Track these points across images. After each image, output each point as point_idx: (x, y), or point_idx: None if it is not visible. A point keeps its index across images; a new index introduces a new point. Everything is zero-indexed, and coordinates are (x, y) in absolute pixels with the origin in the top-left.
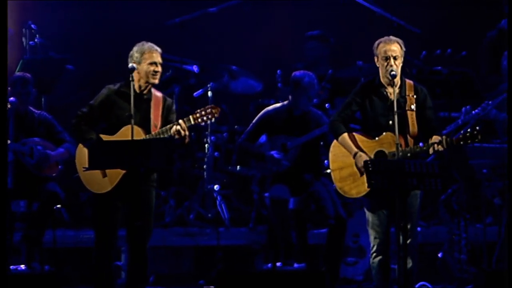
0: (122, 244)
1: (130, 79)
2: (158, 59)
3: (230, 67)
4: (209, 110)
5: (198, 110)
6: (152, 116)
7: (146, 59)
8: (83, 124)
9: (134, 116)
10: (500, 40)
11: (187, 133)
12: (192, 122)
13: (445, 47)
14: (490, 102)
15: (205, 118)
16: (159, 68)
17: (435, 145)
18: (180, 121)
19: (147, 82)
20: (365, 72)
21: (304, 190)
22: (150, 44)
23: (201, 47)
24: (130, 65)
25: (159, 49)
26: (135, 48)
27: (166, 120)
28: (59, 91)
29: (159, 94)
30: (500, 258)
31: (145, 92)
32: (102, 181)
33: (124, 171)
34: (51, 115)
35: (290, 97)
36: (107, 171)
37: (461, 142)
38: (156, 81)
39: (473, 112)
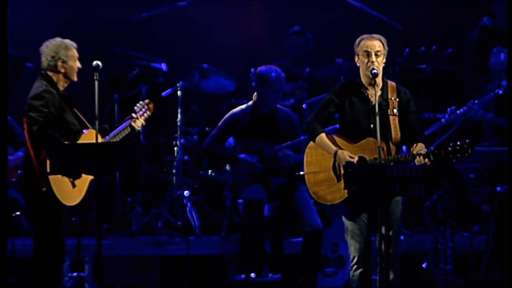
0: (86, 254)
1: (95, 77)
2: (78, 54)
3: (201, 65)
4: (146, 106)
5: (139, 106)
6: (81, 116)
7: (73, 56)
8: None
9: (71, 118)
10: (484, 38)
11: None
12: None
13: (429, 43)
14: (476, 101)
15: (145, 114)
16: (80, 65)
17: (421, 157)
18: (133, 114)
19: (69, 79)
20: (345, 71)
21: (279, 196)
22: (67, 40)
23: (170, 43)
24: (94, 62)
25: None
26: (57, 44)
27: None
28: (20, 90)
29: None
30: (488, 269)
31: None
32: (73, 193)
33: (89, 180)
34: (10, 116)
35: (255, 95)
36: (76, 181)
37: (450, 156)
38: (76, 79)
39: (458, 111)
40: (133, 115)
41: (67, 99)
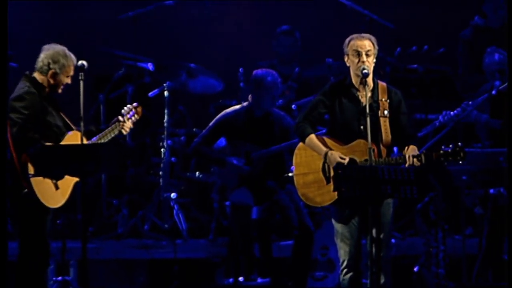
0: (71, 257)
1: (81, 78)
2: (73, 73)
3: (188, 65)
4: (134, 110)
5: (126, 109)
6: (66, 119)
7: (67, 72)
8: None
9: (55, 120)
10: (476, 37)
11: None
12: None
13: (421, 43)
14: (470, 102)
15: (133, 118)
16: (70, 82)
17: (412, 158)
18: (120, 117)
19: (52, 90)
20: (335, 71)
21: (268, 198)
22: (72, 54)
23: (156, 43)
24: (80, 62)
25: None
26: (60, 54)
27: None
28: None
29: None
30: (480, 273)
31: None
32: (55, 195)
33: (73, 182)
34: None
35: (250, 97)
36: (59, 183)
37: (441, 159)
38: (60, 91)
39: (452, 113)
40: (120, 118)
41: (51, 100)
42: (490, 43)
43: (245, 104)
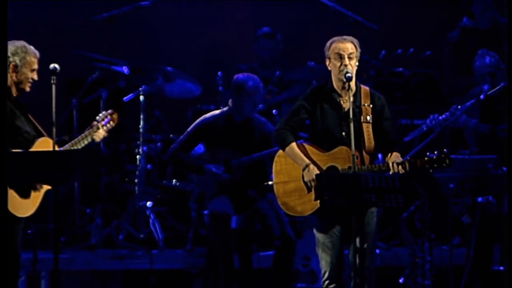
0: (42, 268)
1: (53, 81)
2: (37, 66)
3: (165, 68)
4: (110, 117)
5: (101, 116)
6: (36, 124)
7: (29, 64)
8: None
9: (25, 125)
10: (464, 39)
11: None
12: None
13: (407, 45)
14: (459, 106)
15: (108, 125)
16: (37, 77)
17: (396, 165)
18: (97, 124)
19: (20, 89)
20: (317, 74)
21: (248, 207)
22: (32, 47)
23: (132, 45)
24: (52, 65)
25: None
26: (17, 47)
27: None
28: None
29: None
30: (468, 284)
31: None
32: (25, 203)
33: (45, 190)
34: None
35: (230, 102)
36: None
37: (426, 166)
38: (28, 89)
39: (440, 117)
40: (94, 123)
41: (19, 104)
42: (479, 45)
43: (224, 109)
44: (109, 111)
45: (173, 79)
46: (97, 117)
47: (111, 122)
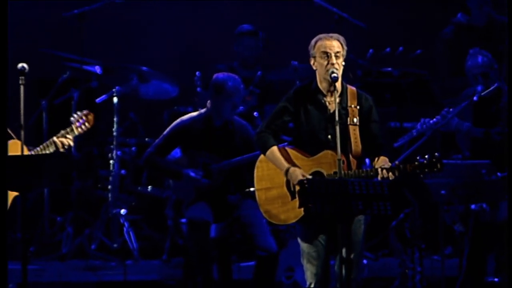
0: (10, 280)
1: (21, 82)
2: None
3: (139, 68)
4: (84, 118)
5: (76, 117)
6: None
7: None
8: None
9: None
10: (458, 36)
11: (71, 144)
12: (76, 133)
13: (395, 44)
14: (451, 109)
15: (83, 127)
16: None
17: (384, 171)
18: (62, 131)
19: None
20: (301, 74)
21: (228, 215)
22: None
23: (105, 43)
24: (20, 64)
25: None
26: None
27: None
28: None
29: None
30: None
31: None
32: None
33: (12, 196)
34: None
35: (209, 104)
36: None
37: (417, 171)
38: None
39: (431, 121)
40: (71, 126)
41: None
42: (474, 43)
43: (202, 111)
44: (84, 111)
45: (149, 80)
46: (72, 119)
47: (86, 124)
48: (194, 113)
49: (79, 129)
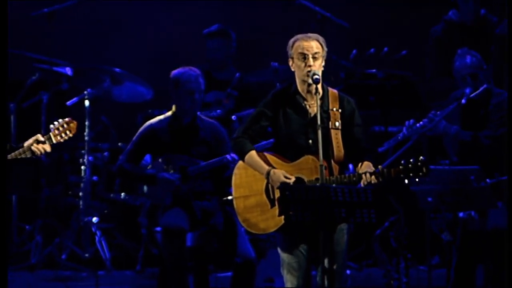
0: None
1: None
2: None
3: (112, 70)
4: (66, 126)
5: (56, 124)
6: None
7: None
8: None
9: None
10: (449, 34)
11: (49, 150)
12: (54, 141)
13: (380, 44)
14: (438, 112)
15: (63, 135)
16: None
17: (367, 176)
18: (40, 137)
19: None
20: (281, 76)
21: (204, 222)
22: None
23: (76, 44)
24: None
25: None
26: None
27: None
28: None
29: None
30: None
31: None
32: None
33: None
34: None
35: (173, 104)
36: None
37: (401, 175)
38: None
39: (418, 124)
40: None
41: None
42: (464, 42)
43: (169, 112)
44: (67, 119)
45: (122, 81)
46: (52, 126)
47: (68, 132)
48: (161, 116)
49: (58, 137)
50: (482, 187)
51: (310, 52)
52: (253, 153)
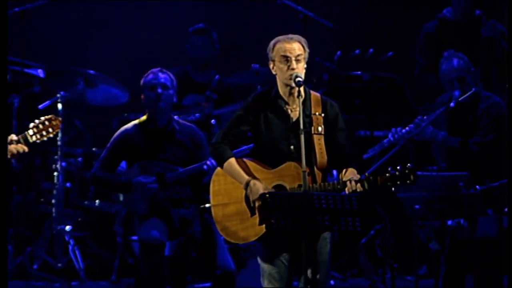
0: None
1: None
2: None
3: (86, 72)
4: (47, 123)
5: (36, 122)
6: None
7: None
8: None
9: None
10: (441, 32)
11: (26, 149)
12: (31, 140)
13: (365, 45)
14: (425, 117)
15: (44, 133)
16: None
17: (353, 183)
18: (14, 136)
19: None
20: (262, 78)
21: (182, 231)
22: None
23: (49, 44)
24: None
25: None
26: None
27: None
28: None
29: None
30: None
31: None
32: None
33: None
34: None
35: (147, 107)
36: None
37: (388, 183)
38: None
39: (404, 130)
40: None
41: None
42: (455, 41)
43: (144, 117)
44: (49, 116)
45: (96, 84)
46: (31, 124)
47: (50, 130)
48: (136, 120)
49: (38, 136)
50: (471, 193)
51: (293, 55)
52: (232, 160)
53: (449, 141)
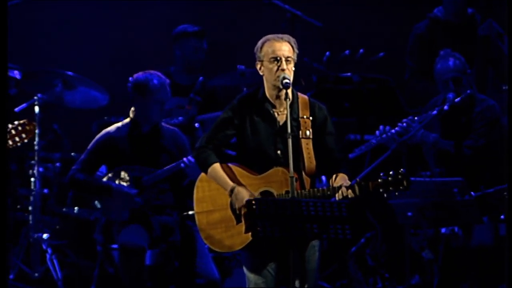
0: None
1: None
2: None
3: (64, 73)
4: (21, 128)
5: (9, 127)
6: None
7: None
8: None
9: None
10: (432, 33)
11: None
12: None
13: (355, 46)
14: (416, 118)
15: (17, 138)
16: None
17: (343, 189)
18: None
19: None
20: (248, 80)
21: (164, 239)
22: None
23: (25, 44)
24: None
25: None
26: None
27: None
28: None
29: None
30: None
31: None
32: None
33: None
34: None
35: (132, 110)
36: None
37: (380, 189)
38: None
39: (393, 130)
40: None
41: None
42: (448, 41)
43: (127, 120)
44: (23, 121)
45: (75, 86)
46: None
47: (23, 135)
48: (119, 123)
49: (10, 142)
50: (466, 200)
51: (283, 55)
52: (216, 165)
53: (441, 143)
